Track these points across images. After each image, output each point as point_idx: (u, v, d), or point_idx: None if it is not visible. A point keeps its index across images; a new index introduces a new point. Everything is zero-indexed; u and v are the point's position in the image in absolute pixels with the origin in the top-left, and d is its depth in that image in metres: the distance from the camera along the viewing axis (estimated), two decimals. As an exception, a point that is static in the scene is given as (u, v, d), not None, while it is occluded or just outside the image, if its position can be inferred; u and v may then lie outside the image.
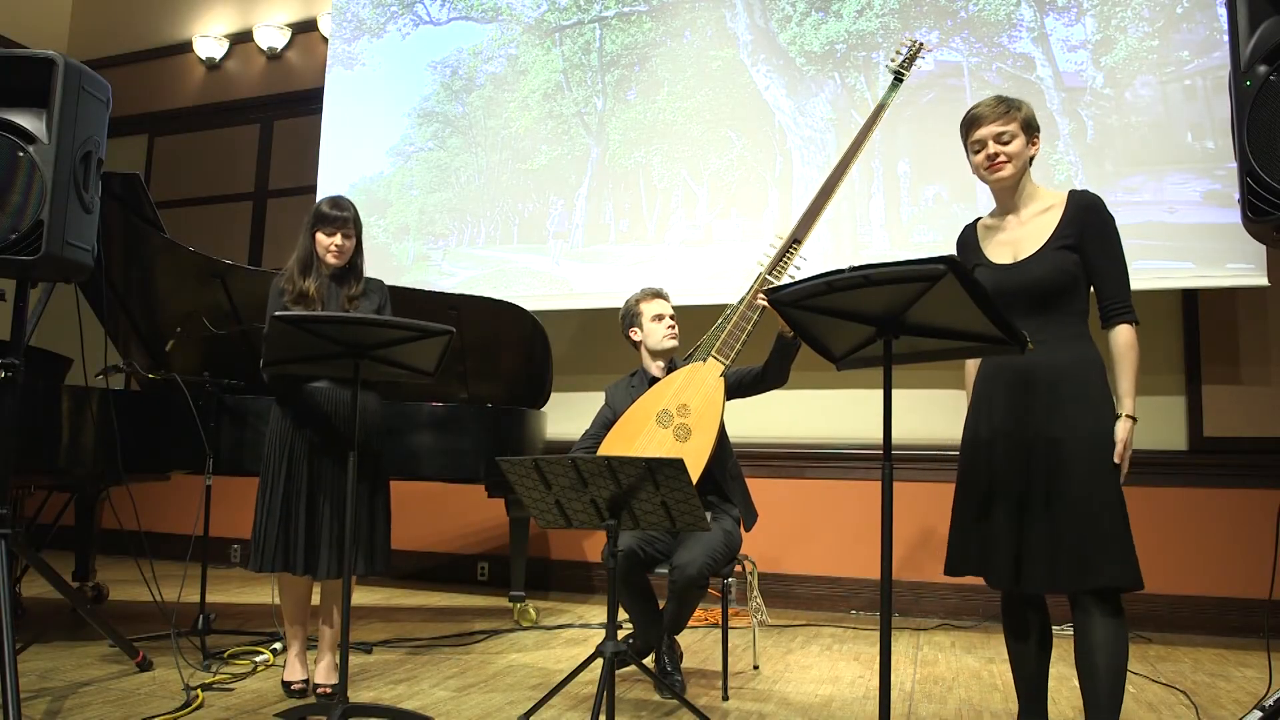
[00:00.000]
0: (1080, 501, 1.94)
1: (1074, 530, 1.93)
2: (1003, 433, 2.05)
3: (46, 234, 2.22)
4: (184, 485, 4.01)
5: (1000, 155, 2.08)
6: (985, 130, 2.09)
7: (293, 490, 2.63)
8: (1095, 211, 2.04)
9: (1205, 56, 3.91)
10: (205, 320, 3.55)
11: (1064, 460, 1.96)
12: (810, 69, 4.50)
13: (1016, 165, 2.09)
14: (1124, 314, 2.03)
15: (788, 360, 2.75)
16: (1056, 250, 2.03)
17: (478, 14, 5.24)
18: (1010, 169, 2.09)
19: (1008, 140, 2.08)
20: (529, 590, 4.12)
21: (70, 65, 2.30)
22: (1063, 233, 2.04)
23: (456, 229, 5.14)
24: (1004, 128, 2.08)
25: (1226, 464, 3.97)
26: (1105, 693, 1.96)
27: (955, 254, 2.25)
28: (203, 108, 6.34)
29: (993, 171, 2.10)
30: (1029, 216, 2.12)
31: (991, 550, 2.01)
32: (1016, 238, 2.11)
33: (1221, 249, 3.77)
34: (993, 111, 2.09)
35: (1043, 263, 2.03)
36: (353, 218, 2.73)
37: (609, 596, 2.23)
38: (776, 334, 2.71)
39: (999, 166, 2.09)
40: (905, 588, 4.23)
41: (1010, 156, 2.08)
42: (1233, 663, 3.40)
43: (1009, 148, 2.08)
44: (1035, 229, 2.08)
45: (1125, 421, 2.01)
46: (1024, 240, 2.09)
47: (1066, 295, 2.02)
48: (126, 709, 2.49)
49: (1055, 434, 1.98)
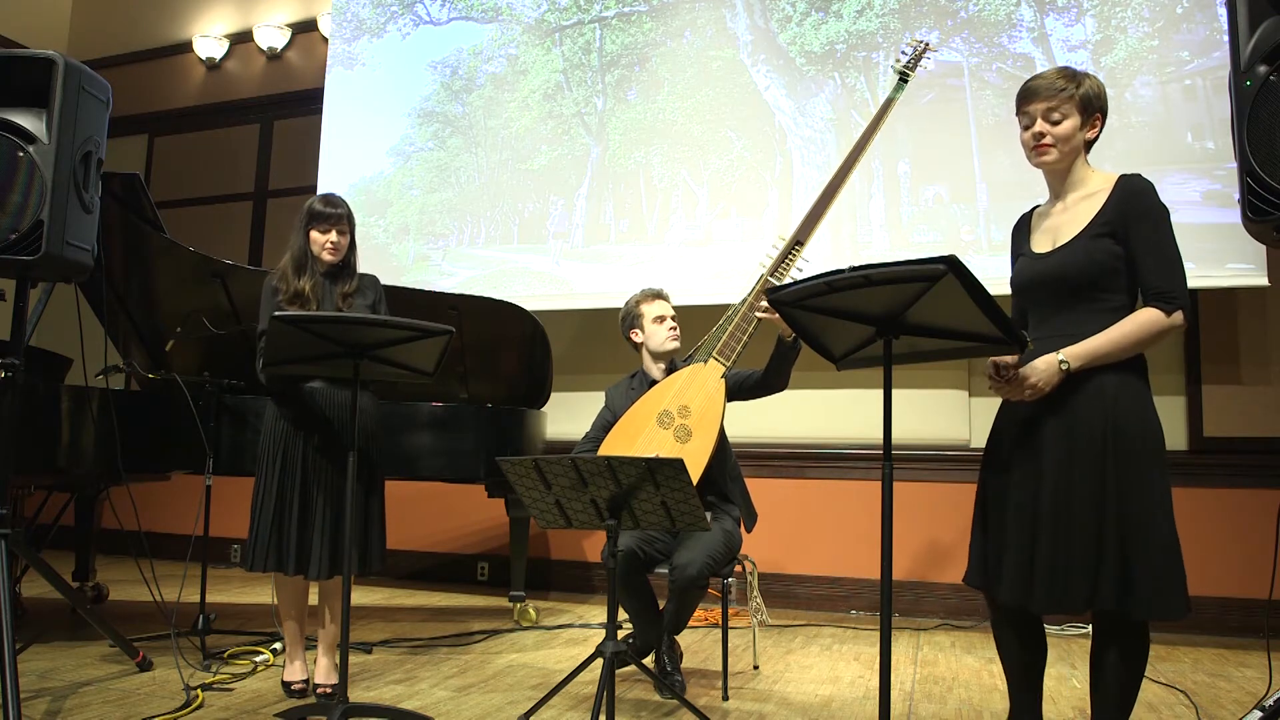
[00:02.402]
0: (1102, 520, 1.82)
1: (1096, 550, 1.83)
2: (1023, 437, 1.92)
3: (46, 234, 2.23)
4: (184, 485, 4.01)
5: (1047, 137, 1.90)
6: (1036, 105, 1.91)
7: (287, 490, 2.63)
8: (1141, 196, 1.85)
9: (1205, 56, 3.90)
10: (205, 320, 3.55)
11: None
12: (810, 69, 4.50)
13: (1064, 150, 1.91)
14: (1161, 300, 1.82)
15: (787, 365, 2.75)
16: (1094, 238, 1.86)
17: (478, 14, 5.24)
18: (1056, 153, 1.91)
19: (1058, 120, 1.89)
20: (529, 590, 4.12)
21: (70, 65, 2.30)
22: (1103, 219, 1.86)
23: (456, 229, 5.14)
24: (1057, 105, 1.89)
25: (1226, 464, 3.97)
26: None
27: (1011, 241, 2.11)
28: (203, 108, 6.34)
29: (1038, 154, 1.93)
30: (1074, 202, 1.94)
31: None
32: (1058, 224, 1.96)
33: (1221, 249, 3.77)
34: (1049, 86, 1.90)
35: (1074, 251, 1.87)
36: (346, 214, 2.73)
37: (609, 596, 2.23)
38: (777, 339, 2.71)
39: (1044, 149, 1.92)
40: (905, 588, 4.22)
41: (1058, 139, 1.90)
42: (1233, 663, 3.40)
43: (1058, 129, 1.90)
44: (1076, 215, 1.92)
45: (1051, 360, 1.83)
46: (1064, 227, 1.93)
47: (1101, 287, 1.85)
48: (126, 709, 2.49)
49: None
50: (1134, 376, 1.86)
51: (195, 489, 3.38)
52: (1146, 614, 1.78)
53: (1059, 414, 1.86)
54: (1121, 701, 1.87)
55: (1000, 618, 2.04)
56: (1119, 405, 1.83)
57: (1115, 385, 1.84)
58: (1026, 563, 1.85)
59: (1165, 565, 1.78)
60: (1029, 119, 1.94)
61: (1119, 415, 1.82)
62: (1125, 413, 1.82)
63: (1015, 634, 2.02)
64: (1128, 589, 1.77)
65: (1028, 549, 1.85)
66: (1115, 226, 1.86)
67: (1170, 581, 1.78)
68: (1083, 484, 1.81)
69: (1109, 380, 1.84)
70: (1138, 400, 1.85)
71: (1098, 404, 1.83)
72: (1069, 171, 1.96)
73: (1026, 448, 1.91)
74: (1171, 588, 1.78)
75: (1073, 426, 1.84)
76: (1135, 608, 1.77)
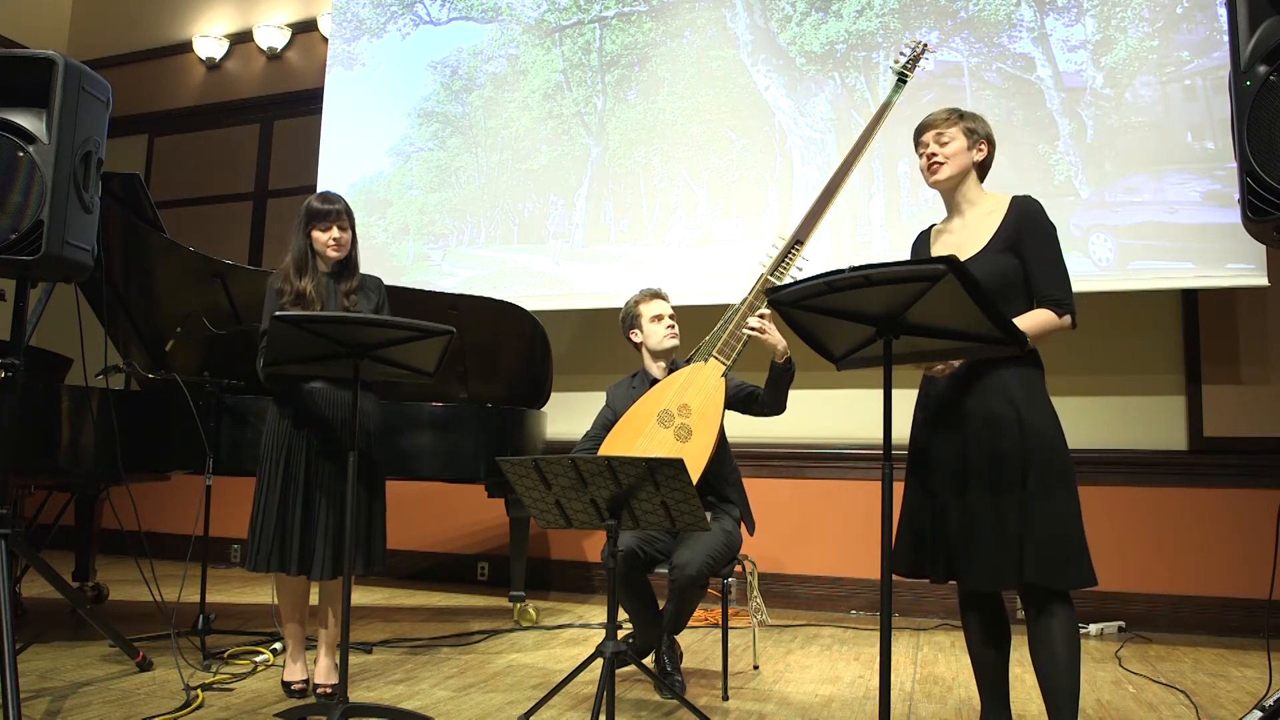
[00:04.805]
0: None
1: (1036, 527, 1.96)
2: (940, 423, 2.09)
3: (46, 234, 2.22)
4: (184, 485, 4.01)
5: (938, 156, 2.12)
6: (928, 135, 2.15)
7: (289, 490, 2.63)
8: (1036, 216, 2.06)
9: (1205, 56, 3.91)
10: (205, 320, 3.55)
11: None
12: (810, 69, 4.50)
13: (953, 167, 2.12)
14: (1056, 305, 2.01)
15: (784, 389, 2.78)
16: (998, 253, 2.05)
17: (478, 14, 5.24)
18: (946, 171, 2.12)
19: (946, 141, 2.12)
20: (529, 590, 4.12)
21: (70, 65, 2.30)
22: (1003, 235, 2.06)
23: (456, 229, 5.14)
24: (943, 130, 2.13)
25: (1226, 464, 3.97)
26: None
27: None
28: (203, 108, 6.34)
29: (931, 173, 2.15)
30: (973, 220, 2.14)
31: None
32: (960, 240, 2.13)
33: (1221, 249, 3.77)
34: (935, 118, 2.16)
35: (983, 265, 2.03)
36: (345, 209, 2.73)
37: (609, 596, 2.23)
38: (770, 363, 2.72)
39: (936, 168, 2.13)
40: (905, 588, 4.22)
41: (947, 158, 2.12)
42: (1233, 663, 3.40)
43: (946, 149, 2.12)
44: (977, 232, 2.11)
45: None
46: (967, 242, 2.11)
47: (1004, 299, 2.01)
48: (126, 709, 2.49)
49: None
50: (1033, 371, 2.05)
51: (195, 489, 3.38)
52: (1070, 583, 1.94)
53: (973, 408, 2.03)
54: (1070, 660, 1.96)
55: (968, 604, 2.17)
56: (1028, 400, 2.00)
57: (1018, 380, 2.01)
58: (959, 545, 2.00)
59: (1078, 540, 1.95)
60: (923, 146, 2.17)
61: (1027, 409, 1.99)
62: (1033, 406, 2.00)
63: (980, 619, 2.16)
64: (1046, 563, 1.92)
65: (958, 532, 2.01)
66: (1013, 242, 2.05)
67: (1082, 554, 1.95)
68: (1004, 472, 1.96)
69: (1008, 374, 2.01)
70: (1041, 393, 2.03)
71: (1006, 399, 2.00)
72: (964, 190, 2.16)
73: (945, 441, 2.07)
74: (1083, 559, 1.95)
75: (987, 421, 2.01)
76: (1052, 578, 1.93)
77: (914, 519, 2.12)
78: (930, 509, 2.08)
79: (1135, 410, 4.16)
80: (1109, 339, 4.16)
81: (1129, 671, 3.23)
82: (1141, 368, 4.17)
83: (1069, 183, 4.03)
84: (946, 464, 2.05)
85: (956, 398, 2.06)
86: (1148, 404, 4.16)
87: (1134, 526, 4.02)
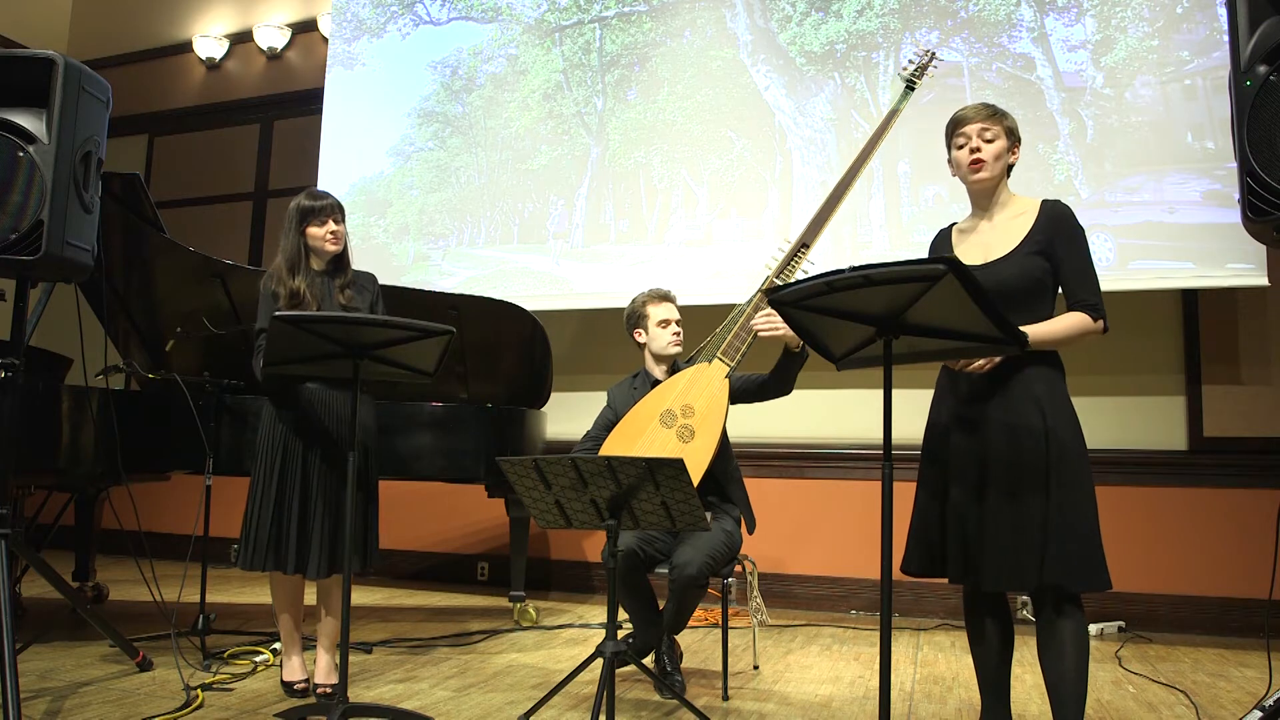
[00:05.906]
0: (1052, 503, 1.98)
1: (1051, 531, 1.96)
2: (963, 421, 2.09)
3: (46, 234, 2.22)
4: (184, 485, 4.01)
5: (982, 153, 2.09)
6: (971, 127, 2.11)
7: (285, 490, 2.63)
8: (1068, 220, 2.06)
9: (1205, 56, 3.91)
10: (205, 320, 3.55)
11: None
12: (810, 69, 4.50)
13: (994, 169, 2.10)
14: (1090, 310, 2.02)
15: (794, 371, 2.76)
16: (1028, 255, 2.04)
17: (478, 14, 5.24)
18: (988, 172, 2.10)
19: (991, 139, 2.09)
20: (529, 590, 4.11)
21: (70, 65, 2.30)
22: (1034, 238, 2.05)
23: (456, 229, 5.14)
24: (989, 127, 2.09)
25: (1226, 464, 3.97)
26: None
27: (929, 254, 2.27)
28: (203, 108, 6.34)
29: (973, 170, 2.10)
30: (1002, 221, 2.13)
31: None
32: (988, 240, 2.12)
33: (1221, 249, 3.77)
34: (979, 113, 2.12)
35: (1012, 265, 2.04)
36: (336, 203, 2.74)
37: (609, 596, 2.23)
38: (784, 346, 2.71)
39: (979, 165, 2.09)
40: (905, 588, 4.22)
41: (991, 157, 2.09)
42: (1233, 663, 3.40)
43: (990, 146, 2.09)
44: (1007, 232, 2.10)
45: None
46: (995, 243, 2.10)
47: (1033, 300, 2.03)
48: (126, 709, 2.49)
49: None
50: (1056, 374, 2.04)
51: (195, 489, 3.38)
52: (1084, 587, 1.95)
53: (995, 410, 2.02)
54: (1078, 664, 1.97)
55: (975, 605, 2.17)
56: (1051, 403, 2.00)
57: (1042, 382, 2.01)
58: (976, 545, 2.00)
59: (1096, 543, 1.95)
60: (965, 139, 2.12)
61: (1051, 412, 1.99)
62: (1056, 410, 1.99)
63: (988, 620, 2.16)
64: (1066, 566, 1.92)
65: (976, 533, 2.00)
66: (1044, 246, 2.04)
67: (1100, 557, 1.96)
68: (1027, 475, 1.96)
69: (1034, 376, 2.01)
70: (1063, 397, 2.03)
71: (1031, 402, 2.00)
72: (995, 191, 2.14)
73: (966, 441, 2.06)
74: (1101, 563, 1.96)
75: (1011, 424, 2.00)
76: (1071, 581, 1.93)
77: (926, 517, 2.12)
78: (945, 508, 2.07)
79: (1135, 410, 4.16)
80: (1109, 339, 4.09)
81: (1129, 671, 3.23)
82: (1141, 368, 4.17)
83: (1069, 183, 4.03)
84: (967, 464, 2.04)
85: (980, 399, 2.05)
86: (1148, 404, 4.16)
87: (1134, 526, 4.01)
